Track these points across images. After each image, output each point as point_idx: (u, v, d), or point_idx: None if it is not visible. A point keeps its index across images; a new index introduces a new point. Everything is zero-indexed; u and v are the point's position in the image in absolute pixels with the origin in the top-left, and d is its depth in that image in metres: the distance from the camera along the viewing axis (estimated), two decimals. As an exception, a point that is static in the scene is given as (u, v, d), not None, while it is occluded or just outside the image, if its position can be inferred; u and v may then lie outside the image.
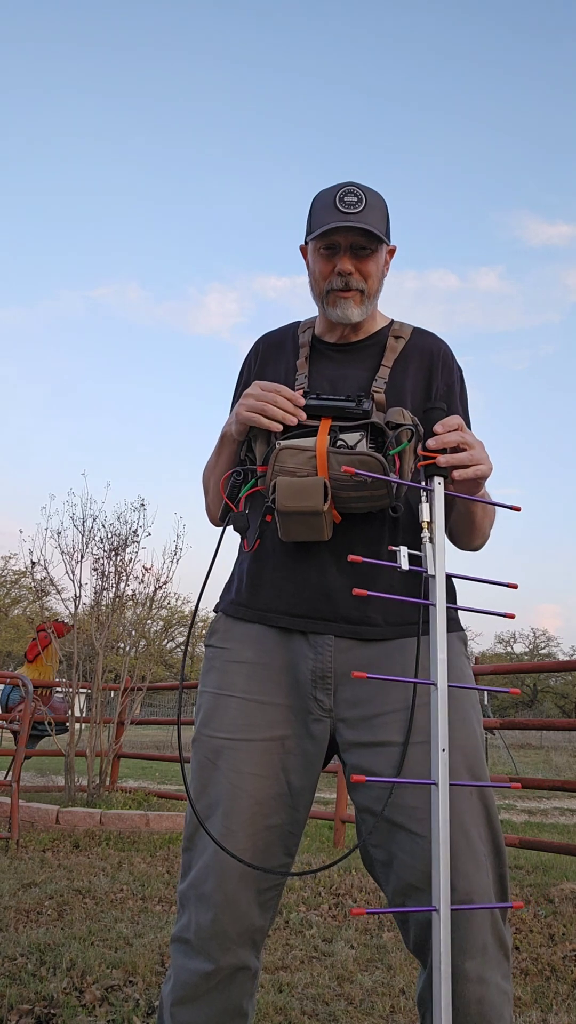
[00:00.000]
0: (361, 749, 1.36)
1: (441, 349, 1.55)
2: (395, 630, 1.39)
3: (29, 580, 24.03)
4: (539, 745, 21.90)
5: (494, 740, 15.51)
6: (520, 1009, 2.36)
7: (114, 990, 2.37)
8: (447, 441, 1.25)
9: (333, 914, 3.44)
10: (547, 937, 3.17)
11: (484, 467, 1.28)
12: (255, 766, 1.38)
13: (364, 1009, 2.32)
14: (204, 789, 1.39)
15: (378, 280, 1.50)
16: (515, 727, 4.89)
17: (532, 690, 36.09)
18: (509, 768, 12.49)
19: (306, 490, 1.29)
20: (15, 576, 34.43)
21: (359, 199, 1.45)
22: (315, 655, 1.38)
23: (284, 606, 1.42)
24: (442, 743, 1.07)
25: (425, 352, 1.53)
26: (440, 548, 1.16)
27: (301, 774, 1.39)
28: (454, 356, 1.57)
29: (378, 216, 1.47)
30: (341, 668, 1.37)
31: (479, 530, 1.49)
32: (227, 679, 1.43)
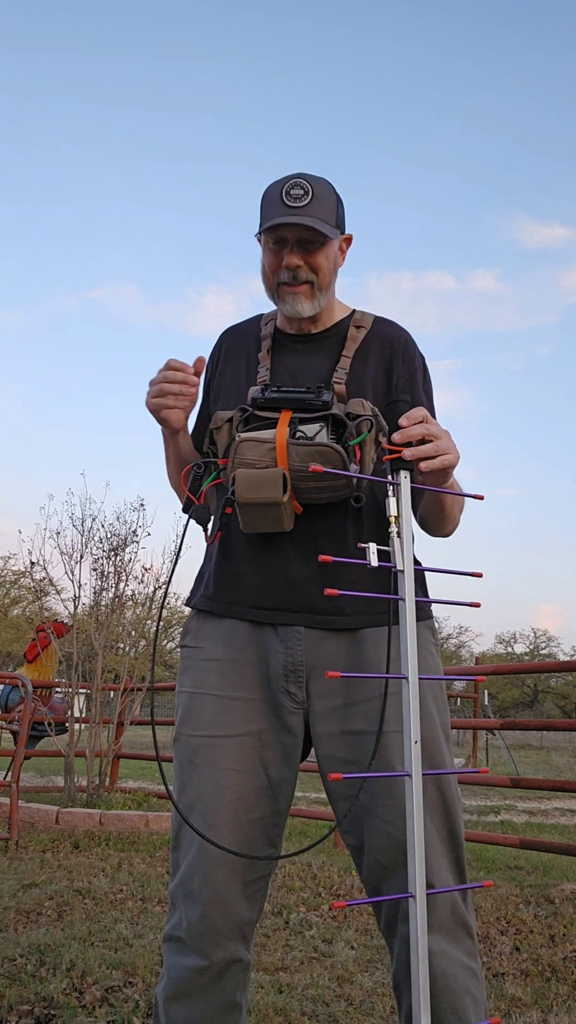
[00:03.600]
0: (334, 739, 1.37)
1: (402, 338, 1.53)
2: (364, 619, 1.39)
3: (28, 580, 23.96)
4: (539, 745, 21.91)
5: (495, 740, 15.51)
6: (520, 1010, 2.36)
7: (114, 991, 2.37)
8: (412, 434, 1.23)
9: (333, 915, 3.44)
10: (547, 938, 3.16)
11: (451, 457, 1.27)
12: (233, 762, 1.39)
13: (364, 1010, 2.31)
14: (184, 788, 1.41)
15: (329, 272, 1.48)
16: (516, 727, 4.89)
17: (533, 690, 36.08)
18: (509, 768, 12.48)
19: (264, 481, 1.30)
20: (14, 576, 34.41)
21: (305, 191, 1.43)
22: (285, 648, 1.39)
23: (252, 599, 1.43)
24: (414, 735, 1.08)
25: (386, 342, 1.52)
26: (407, 542, 1.16)
27: (280, 767, 1.40)
28: (415, 344, 1.56)
29: (326, 208, 1.45)
30: (312, 660, 1.38)
31: (449, 517, 1.49)
32: (201, 678, 1.44)
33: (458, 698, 21.72)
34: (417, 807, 1.07)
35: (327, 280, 1.48)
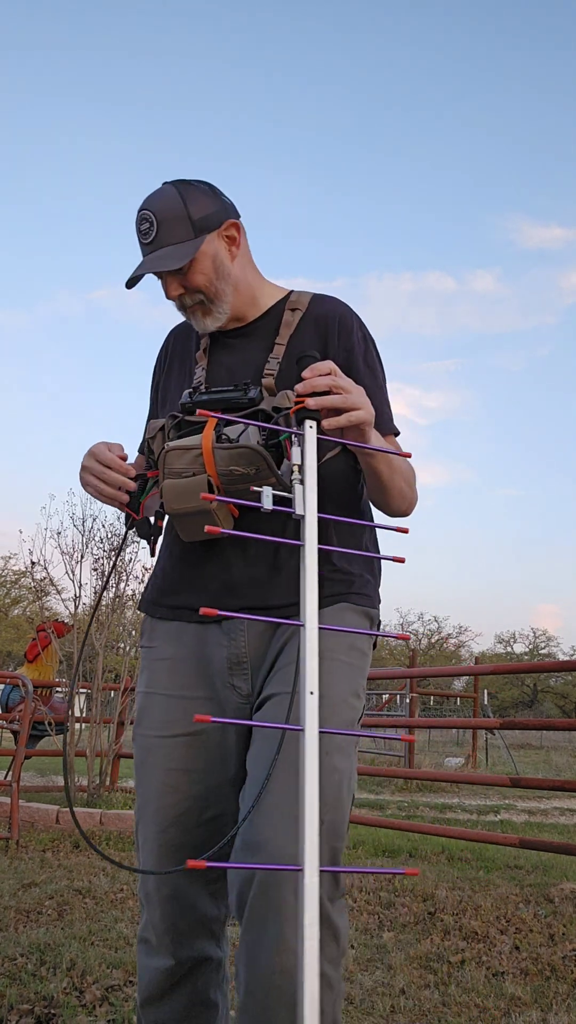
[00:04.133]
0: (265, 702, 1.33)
1: (337, 313, 1.46)
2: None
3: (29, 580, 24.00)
4: (539, 745, 21.93)
5: (494, 740, 15.51)
6: (520, 1009, 2.36)
7: (114, 990, 2.37)
8: (316, 385, 1.18)
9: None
10: (547, 937, 3.17)
11: (360, 412, 1.21)
12: (182, 761, 1.38)
13: (364, 1009, 2.32)
14: (138, 787, 1.41)
15: (214, 280, 1.41)
16: (515, 727, 4.89)
17: (532, 690, 36.09)
18: (509, 768, 12.48)
19: (189, 491, 1.28)
20: (15, 576, 34.42)
21: (151, 224, 1.37)
22: (229, 641, 1.37)
23: (192, 602, 1.41)
24: (310, 685, 0.98)
25: (320, 320, 1.45)
26: (311, 489, 1.09)
27: (237, 762, 1.37)
28: (354, 318, 1.47)
29: (174, 227, 1.36)
30: (256, 651, 1.36)
31: (393, 489, 1.40)
32: (153, 677, 1.44)
33: (458, 698, 21.73)
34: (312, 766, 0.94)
35: (216, 289, 1.41)
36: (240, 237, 1.43)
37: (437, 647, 36.32)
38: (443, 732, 20.92)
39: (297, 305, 1.46)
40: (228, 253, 1.42)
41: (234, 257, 1.43)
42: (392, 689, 13.50)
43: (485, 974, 2.69)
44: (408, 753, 9.83)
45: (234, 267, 1.43)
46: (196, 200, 1.38)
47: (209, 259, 1.39)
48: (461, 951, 2.94)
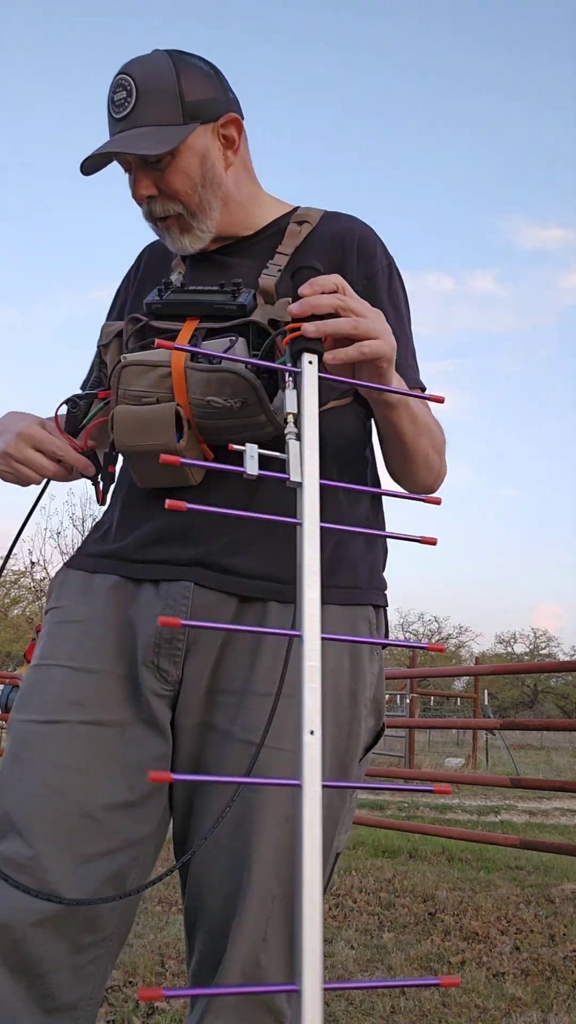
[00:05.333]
0: (205, 733, 1.01)
1: (356, 232, 1.16)
2: (272, 588, 1.01)
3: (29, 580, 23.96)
4: (539, 746, 21.93)
5: (494, 740, 15.51)
6: (520, 1010, 2.36)
7: (114, 990, 2.37)
8: (317, 305, 0.86)
9: (333, 915, 3.44)
10: (547, 937, 3.17)
11: (378, 342, 0.89)
12: (81, 759, 0.98)
13: (364, 1009, 2.32)
14: (2, 793, 0.99)
15: (199, 187, 1.08)
16: (515, 727, 4.89)
17: (532, 690, 36.10)
18: (509, 768, 12.48)
19: (151, 423, 0.96)
20: (15, 576, 34.40)
21: (128, 92, 1.04)
22: (163, 610, 1.01)
23: (130, 549, 1.07)
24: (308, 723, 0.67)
25: (336, 239, 1.14)
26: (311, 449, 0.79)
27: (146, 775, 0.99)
28: (379, 241, 1.18)
29: (159, 104, 1.04)
30: (196, 630, 1.01)
31: (418, 455, 1.07)
32: (53, 646, 1.07)
33: (458, 698, 21.74)
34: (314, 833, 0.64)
35: (199, 200, 1.09)
36: (240, 141, 1.12)
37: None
38: (443, 732, 20.92)
39: (306, 218, 1.16)
40: (222, 157, 1.11)
41: (229, 165, 1.12)
42: (392, 689, 13.51)
43: (485, 975, 2.69)
44: (408, 754, 9.84)
45: (227, 177, 1.11)
46: (193, 78, 1.07)
47: (197, 158, 1.07)
48: (461, 952, 2.94)
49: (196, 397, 0.95)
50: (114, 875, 0.97)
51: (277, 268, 1.09)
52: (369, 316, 0.90)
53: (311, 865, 0.63)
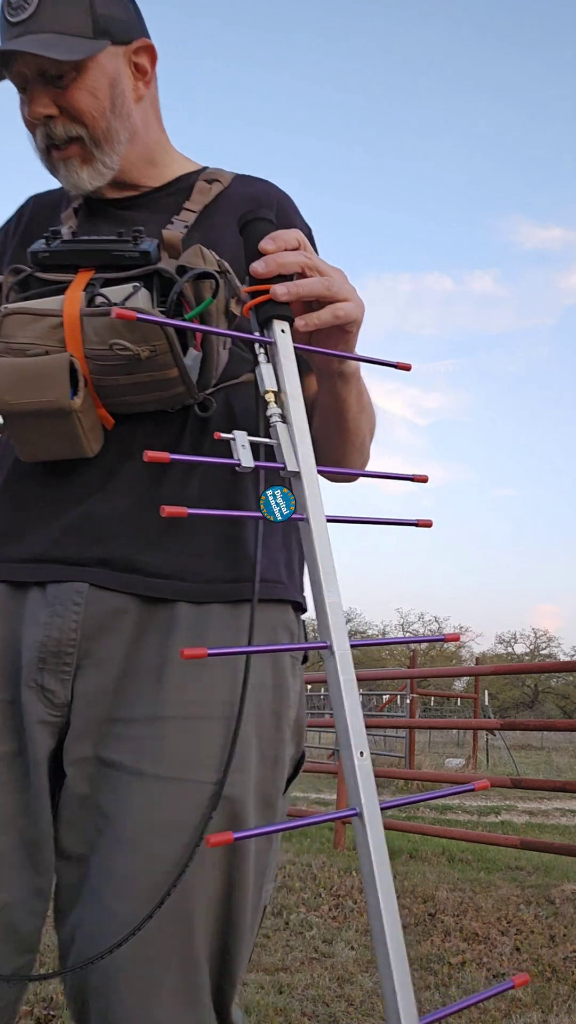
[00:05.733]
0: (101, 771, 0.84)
1: (275, 196, 1.05)
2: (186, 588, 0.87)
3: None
4: (540, 746, 21.91)
5: (495, 741, 15.51)
6: (521, 1010, 2.36)
7: None
8: (285, 263, 0.75)
9: (333, 915, 3.44)
10: (548, 938, 3.17)
11: (350, 305, 0.81)
12: None
13: (364, 1010, 2.32)
14: None
15: (108, 112, 0.95)
16: (516, 728, 4.89)
17: (533, 691, 36.10)
18: (510, 769, 12.48)
19: (39, 375, 0.81)
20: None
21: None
22: (50, 616, 0.86)
23: (13, 548, 0.91)
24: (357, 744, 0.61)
25: (252, 200, 1.03)
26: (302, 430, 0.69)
27: (38, 814, 0.85)
28: (297, 210, 1.07)
29: (66, 12, 0.92)
30: (92, 638, 0.86)
31: (356, 437, 0.98)
32: None
33: (458, 698, 21.72)
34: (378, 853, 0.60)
35: (107, 127, 0.96)
36: (152, 75, 1.01)
37: (437, 647, 36.31)
38: (443, 733, 20.91)
39: (217, 177, 1.04)
40: (133, 87, 0.99)
41: (139, 97, 1.00)
42: (392, 690, 13.50)
43: (486, 975, 2.69)
44: (408, 754, 9.83)
45: (136, 110, 0.99)
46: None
47: (106, 79, 0.95)
48: (462, 952, 2.94)
49: (94, 346, 0.82)
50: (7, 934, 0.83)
51: (183, 224, 0.97)
52: (335, 275, 0.81)
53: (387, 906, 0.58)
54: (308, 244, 0.80)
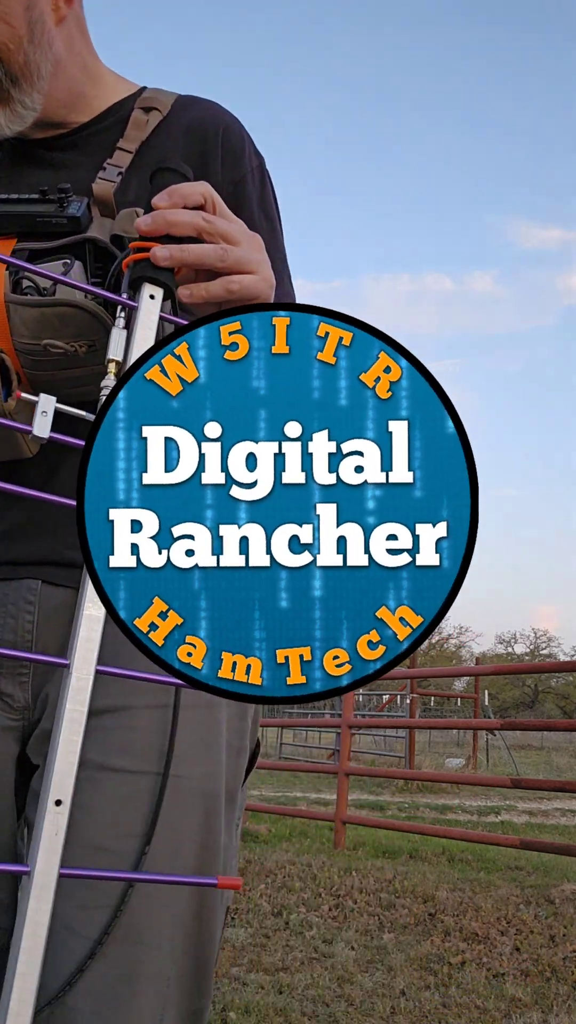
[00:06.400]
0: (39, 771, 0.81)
1: (221, 122, 0.92)
2: None
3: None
4: (540, 746, 21.92)
5: (495, 741, 15.52)
6: (521, 1010, 2.36)
7: None
8: (175, 223, 0.66)
9: (333, 915, 3.44)
10: (548, 938, 3.17)
11: (251, 279, 0.71)
12: None
13: (364, 1010, 2.32)
14: None
15: (25, 42, 0.83)
16: (516, 728, 4.89)
17: (533, 691, 36.12)
18: (510, 769, 12.48)
19: None
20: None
21: None
22: (2, 618, 0.82)
23: None
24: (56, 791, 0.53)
25: (194, 130, 0.91)
26: None
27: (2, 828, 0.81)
28: (248, 135, 0.95)
29: None
30: (49, 634, 0.82)
31: None
32: None
33: (458, 698, 21.72)
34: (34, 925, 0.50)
35: (25, 59, 0.83)
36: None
37: (437, 647, 36.33)
38: (444, 733, 20.93)
39: (155, 104, 0.92)
40: (53, 6, 0.86)
41: (61, 19, 0.87)
42: (392, 690, 13.51)
43: (486, 975, 2.69)
44: (408, 754, 9.84)
45: (59, 35, 0.86)
46: None
47: (20, 4, 0.82)
48: (461, 952, 2.94)
49: (25, 340, 0.72)
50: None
51: (117, 170, 0.86)
52: (242, 243, 0.71)
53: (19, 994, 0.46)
54: (218, 203, 0.70)
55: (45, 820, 0.50)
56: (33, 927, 0.48)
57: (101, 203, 0.81)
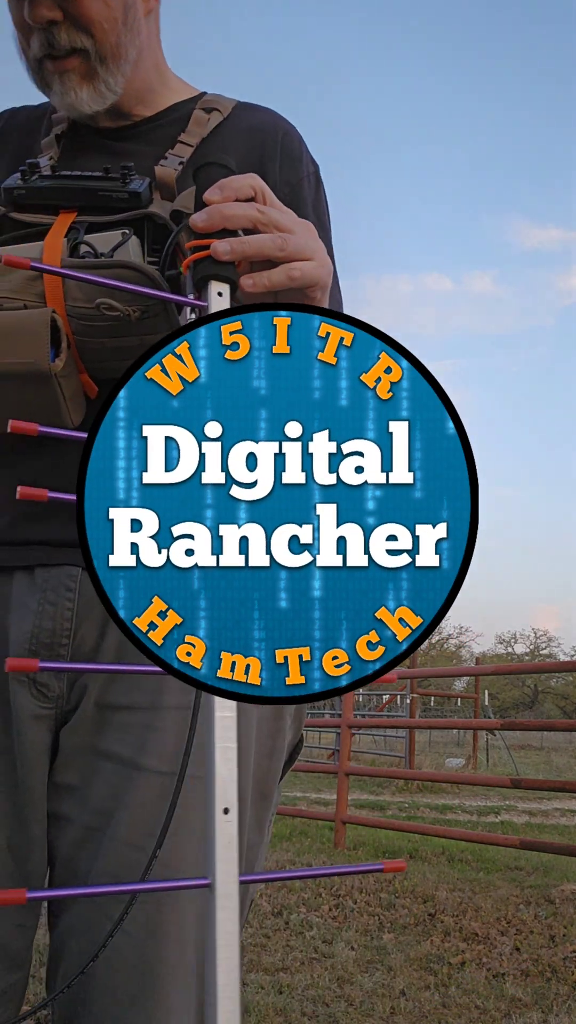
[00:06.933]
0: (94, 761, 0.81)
1: (280, 128, 0.96)
2: None
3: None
4: (540, 746, 21.92)
5: (495, 741, 15.52)
6: (520, 1010, 2.36)
7: None
8: (231, 216, 0.65)
9: (333, 915, 3.44)
10: (548, 938, 3.17)
11: (311, 265, 0.69)
12: None
13: (364, 1010, 2.32)
14: None
15: (118, 24, 0.86)
16: (516, 728, 4.89)
17: (533, 691, 36.11)
18: (510, 769, 12.48)
19: (16, 332, 0.72)
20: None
21: None
22: (41, 605, 0.80)
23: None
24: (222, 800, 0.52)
25: (254, 133, 0.93)
26: None
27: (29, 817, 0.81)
28: (303, 142, 0.98)
29: None
30: (88, 622, 0.81)
31: None
32: None
33: (459, 698, 21.73)
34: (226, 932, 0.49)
35: (116, 41, 0.86)
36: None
37: (437, 647, 36.33)
38: (444, 733, 20.93)
39: (216, 105, 0.95)
40: (143, 1, 0.90)
41: (149, 11, 0.91)
42: (392, 690, 13.51)
43: (485, 975, 2.69)
44: (408, 754, 9.84)
45: (144, 26, 0.90)
46: None
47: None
48: (461, 952, 2.94)
49: (79, 304, 0.72)
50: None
51: (178, 160, 0.88)
52: (297, 231, 0.70)
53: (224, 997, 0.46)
54: (267, 194, 0.69)
55: (216, 830, 0.51)
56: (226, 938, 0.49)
57: (162, 186, 0.82)
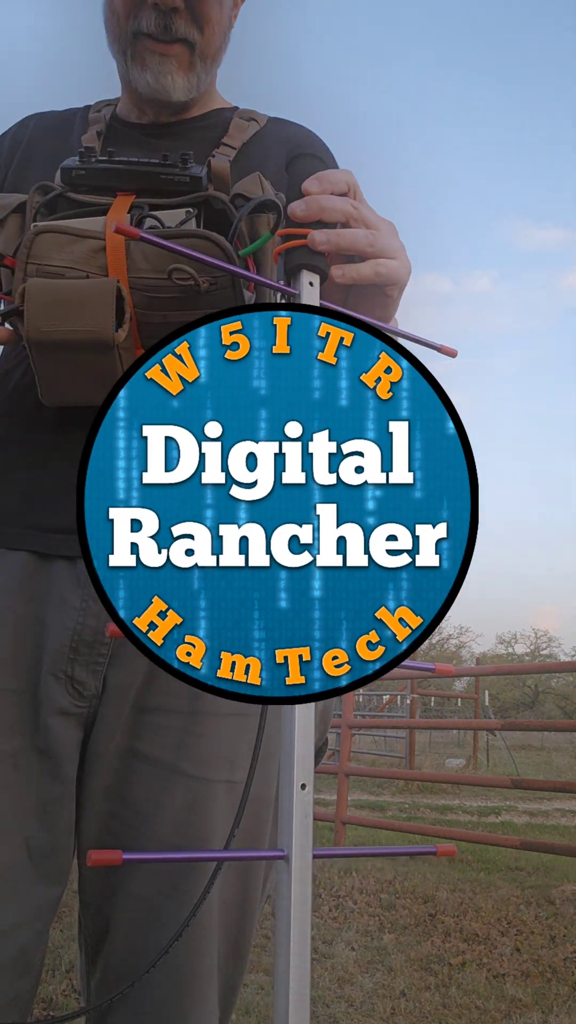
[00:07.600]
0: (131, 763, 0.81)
1: (312, 140, 1.01)
2: None
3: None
4: (540, 746, 21.92)
5: (495, 741, 15.51)
6: (521, 1011, 2.36)
7: None
8: (329, 209, 0.66)
9: (333, 915, 3.44)
10: (548, 939, 3.17)
11: (395, 263, 0.71)
12: None
13: (364, 1011, 2.32)
14: None
15: (222, 33, 0.93)
16: (516, 728, 4.89)
17: (533, 691, 36.11)
18: (510, 769, 12.48)
19: (80, 301, 0.70)
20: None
21: None
22: (84, 601, 0.79)
23: (34, 515, 0.82)
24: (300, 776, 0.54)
25: (291, 142, 0.97)
26: None
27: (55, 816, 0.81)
28: (334, 159, 1.02)
29: None
30: None
31: None
32: None
33: (459, 698, 21.72)
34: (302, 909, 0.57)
35: (217, 45, 0.93)
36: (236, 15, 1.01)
37: (438, 648, 36.34)
38: (444, 733, 20.92)
39: (253, 116, 1.00)
40: (234, 13, 0.99)
41: (232, 25, 0.99)
42: (393, 690, 13.50)
43: (486, 976, 2.69)
44: (409, 754, 9.84)
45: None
46: None
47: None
48: (462, 953, 2.94)
49: (144, 275, 0.72)
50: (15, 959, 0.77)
51: (225, 158, 0.90)
52: (383, 229, 0.71)
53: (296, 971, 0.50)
54: (358, 190, 0.71)
55: (294, 804, 0.52)
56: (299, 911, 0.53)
57: (217, 176, 0.83)
